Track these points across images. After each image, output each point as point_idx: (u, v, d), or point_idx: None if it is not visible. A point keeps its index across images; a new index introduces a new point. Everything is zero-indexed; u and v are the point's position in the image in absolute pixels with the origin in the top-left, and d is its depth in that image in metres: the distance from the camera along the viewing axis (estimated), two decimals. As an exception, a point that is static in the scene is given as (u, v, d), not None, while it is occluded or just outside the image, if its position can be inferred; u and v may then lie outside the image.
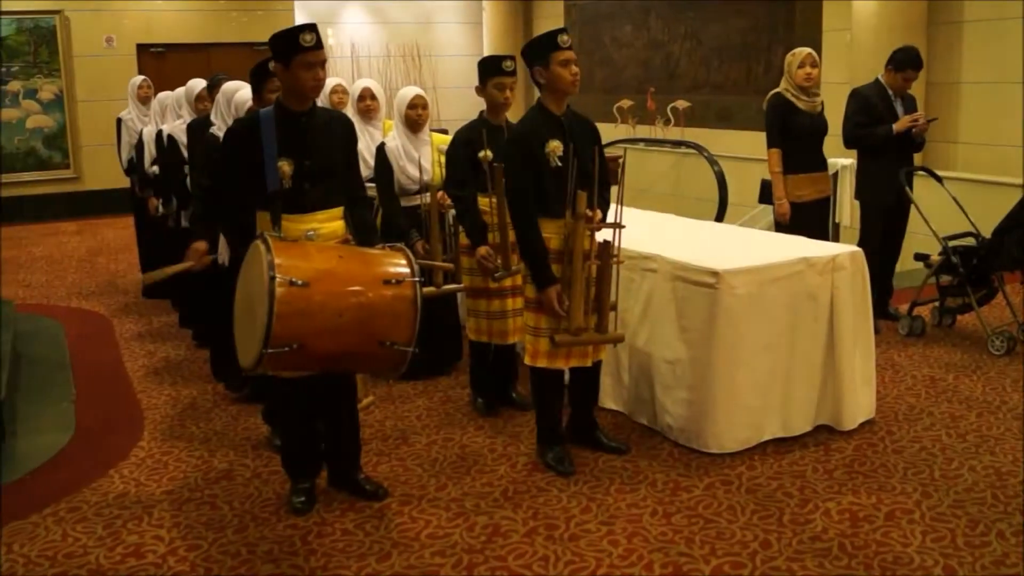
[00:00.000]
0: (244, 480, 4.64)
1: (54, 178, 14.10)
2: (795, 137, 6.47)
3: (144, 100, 8.50)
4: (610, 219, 4.48)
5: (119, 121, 8.83)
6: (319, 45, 4.03)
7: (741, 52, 12.69)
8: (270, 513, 4.27)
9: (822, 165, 6.66)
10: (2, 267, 10.31)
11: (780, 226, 6.50)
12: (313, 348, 3.74)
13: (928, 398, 5.49)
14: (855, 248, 5.11)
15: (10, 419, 5.36)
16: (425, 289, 5.07)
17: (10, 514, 4.34)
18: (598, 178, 4.46)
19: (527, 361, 4.61)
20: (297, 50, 3.98)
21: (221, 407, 5.65)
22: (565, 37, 4.43)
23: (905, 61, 6.71)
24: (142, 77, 8.81)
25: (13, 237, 12.38)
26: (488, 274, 5.08)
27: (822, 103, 6.55)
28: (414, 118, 5.63)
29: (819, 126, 6.53)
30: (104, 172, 13.69)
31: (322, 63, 4.06)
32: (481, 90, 5.16)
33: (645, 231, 5.47)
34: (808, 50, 6.48)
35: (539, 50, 4.44)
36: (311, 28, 4.04)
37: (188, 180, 6.44)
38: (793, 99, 6.44)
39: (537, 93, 4.57)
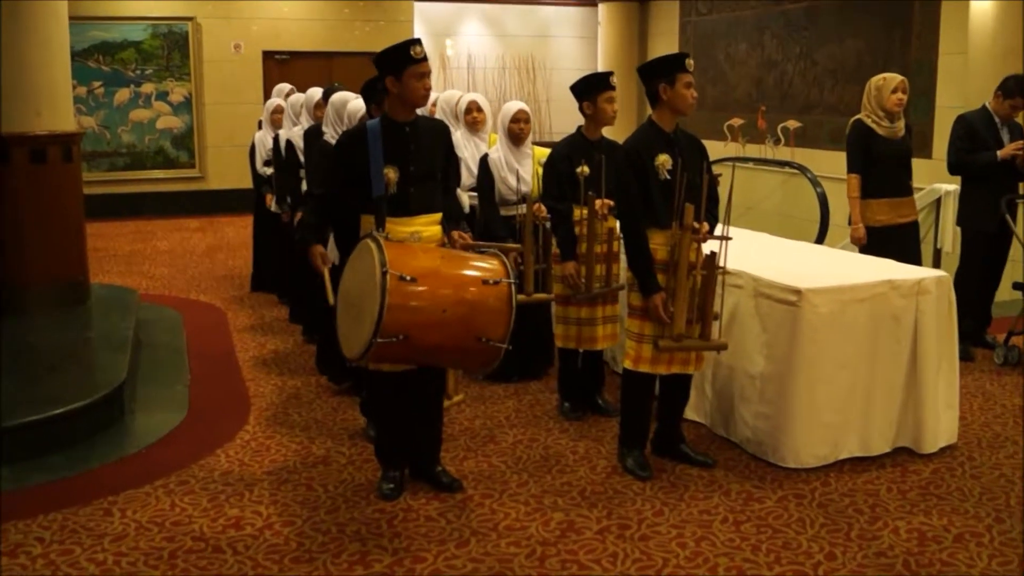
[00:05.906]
0: (339, 466, 4.91)
1: (180, 176, 14.69)
2: (875, 162, 6.45)
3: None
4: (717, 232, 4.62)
5: (261, 124, 8.99)
6: (426, 57, 4.34)
7: (855, 73, 12.60)
8: (360, 497, 4.53)
9: (905, 190, 6.60)
10: (129, 259, 10.85)
11: (861, 250, 6.50)
12: (417, 340, 3.99)
13: (1015, 427, 5.50)
14: (942, 273, 5.15)
15: (130, 399, 5.75)
16: (517, 296, 5.31)
17: (125, 483, 4.69)
18: (707, 194, 4.61)
19: (628, 365, 4.76)
20: (409, 62, 4.28)
21: (323, 398, 5.95)
22: (690, 61, 4.66)
23: (1015, 89, 6.69)
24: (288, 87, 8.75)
25: (140, 231, 13.00)
26: (573, 290, 5.29)
27: (905, 127, 6.54)
28: (516, 132, 5.85)
29: (900, 151, 6.50)
30: (227, 172, 14.33)
31: (428, 73, 4.37)
32: (590, 106, 5.31)
33: (733, 248, 5.58)
34: (900, 76, 6.47)
35: (667, 69, 4.64)
36: (419, 42, 4.36)
37: (304, 183, 6.78)
38: (874, 125, 6.44)
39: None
